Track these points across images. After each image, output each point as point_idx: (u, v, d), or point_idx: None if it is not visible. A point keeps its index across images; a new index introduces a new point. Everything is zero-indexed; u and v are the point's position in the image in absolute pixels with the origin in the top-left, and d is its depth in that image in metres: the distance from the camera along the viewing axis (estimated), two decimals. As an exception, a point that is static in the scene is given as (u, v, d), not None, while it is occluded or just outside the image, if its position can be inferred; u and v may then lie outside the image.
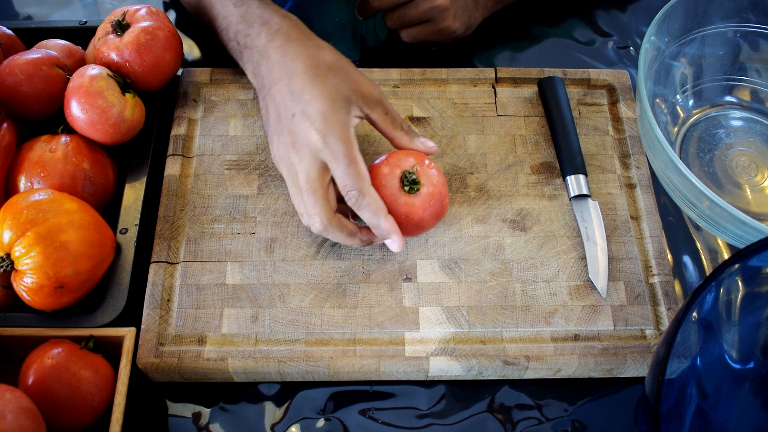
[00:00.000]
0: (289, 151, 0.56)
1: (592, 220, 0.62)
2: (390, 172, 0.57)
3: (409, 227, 0.57)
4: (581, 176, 0.63)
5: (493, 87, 0.70)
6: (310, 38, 0.60)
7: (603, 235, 0.61)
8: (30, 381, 0.50)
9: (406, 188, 0.56)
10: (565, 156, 0.64)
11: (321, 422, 0.56)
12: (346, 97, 0.56)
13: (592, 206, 0.62)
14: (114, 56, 0.62)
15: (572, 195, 0.63)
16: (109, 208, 0.62)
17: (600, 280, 0.59)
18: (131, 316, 0.56)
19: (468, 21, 0.71)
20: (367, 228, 0.57)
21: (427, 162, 0.58)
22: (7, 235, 0.52)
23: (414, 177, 0.56)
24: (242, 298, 0.58)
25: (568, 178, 0.64)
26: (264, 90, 0.60)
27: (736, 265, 0.46)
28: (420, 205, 0.56)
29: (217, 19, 0.65)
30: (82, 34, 0.69)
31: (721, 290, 0.48)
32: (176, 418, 0.56)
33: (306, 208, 0.55)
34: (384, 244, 0.60)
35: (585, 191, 0.63)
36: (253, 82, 0.62)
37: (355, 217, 0.58)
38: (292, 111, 0.56)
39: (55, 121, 0.62)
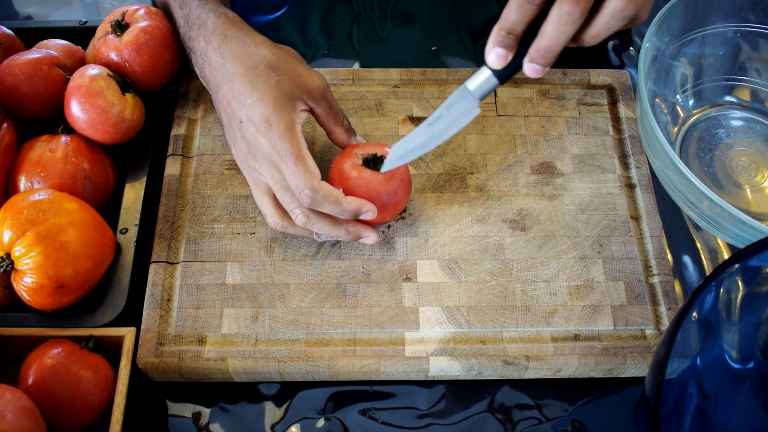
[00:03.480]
0: (247, 157, 0.56)
1: (457, 119, 0.53)
2: (353, 159, 0.57)
3: (384, 204, 0.57)
4: (494, 77, 0.51)
5: (493, 87, 0.70)
6: (247, 34, 0.58)
7: (443, 135, 0.54)
8: (30, 381, 0.50)
9: (372, 166, 0.57)
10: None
11: (321, 422, 0.56)
12: (289, 94, 0.55)
13: (469, 108, 0.53)
14: (114, 56, 0.62)
15: (470, 87, 0.52)
16: (109, 208, 0.62)
17: (390, 161, 0.55)
18: (131, 316, 0.56)
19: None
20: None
21: (386, 149, 0.58)
22: (7, 235, 0.52)
23: (375, 154, 0.57)
24: (242, 298, 0.58)
25: (485, 66, 0.52)
26: (213, 94, 0.60)
27: (736, 265, 0.46)
28: (390, 177, 0.57)
29: (172, 23, 0.65)
30: (82, 34, 0.69)
31: (721, 290, 0.48)
32: (176, 418, 0.56)
33: (285, 204, 0.56)
34: (382, 244, 0.60)
35: (481, 90, 0.52)
36: (205, 86, 0.62)
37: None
38: (239, 117, 0.56)
39: (55, 121, 0.62)
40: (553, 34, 0.47)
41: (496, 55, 0.49)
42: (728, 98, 0.72)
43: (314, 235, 0.58)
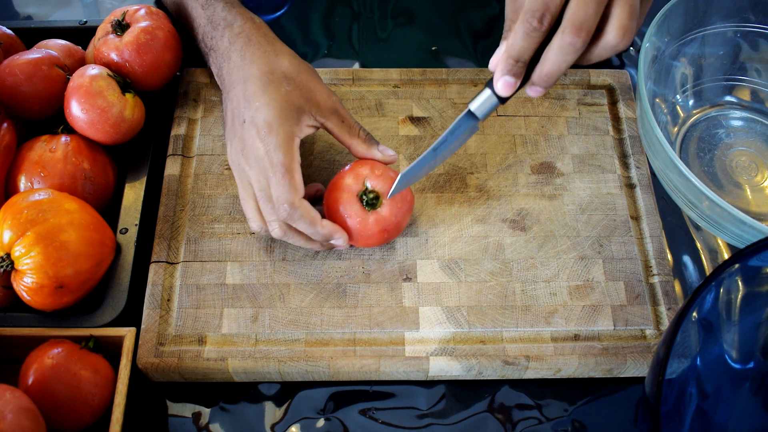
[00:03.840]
0: (240, 157, 0.56)
1: (460, 140, 0.55)
2: (354, 183, 0.57)
3: (367, 238, 0.58)
4: (495, 97, 0.52)
5: (493, 87, 0.70)
6: (271, 42, 0.59)
7: (446, 156, 0.56)
8: (30, 381, 0.50)
9: (366, 205, 0.57)
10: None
11: (321, 422, 0.56)
12: (297, 107, 0.56)
13: (470, 129, 0.55)
14: (114, 56, 0.62)
15: (473, 108, 0.53)
16: (109, 208, 0.62)
17: (396, 188, 0.56)
18: (131, 316, 0.56)
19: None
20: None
21: (391, 174, 0.58)
22: (7, 235, 0.52)
23: (375, 195, 0.57)
24: (242, 298, 0.58)
25: (487, 88, 0.53)
26: (225, 93, 0.60)
27: (736, 265, 0.46)
28: (384, 218, 0.57)
29: (188, 21, 0.66)
30: (82, 34, 0.69)
31: (721, 290, 0.48)
32: (176, 418, 0.56)
33: (265, 214, 0.56)
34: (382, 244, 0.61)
35: (483, 111, 0.53)
36: (219, 84, 0.63)
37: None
38: (243, 117, 0.56)
39: (55, 121, 0.62)
40: (555, 61, 0.48)
41: (504, 83, 0.50)
42: (728, 98, 0.72)
43: None
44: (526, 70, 0.50)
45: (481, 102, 0.53)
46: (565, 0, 0.47)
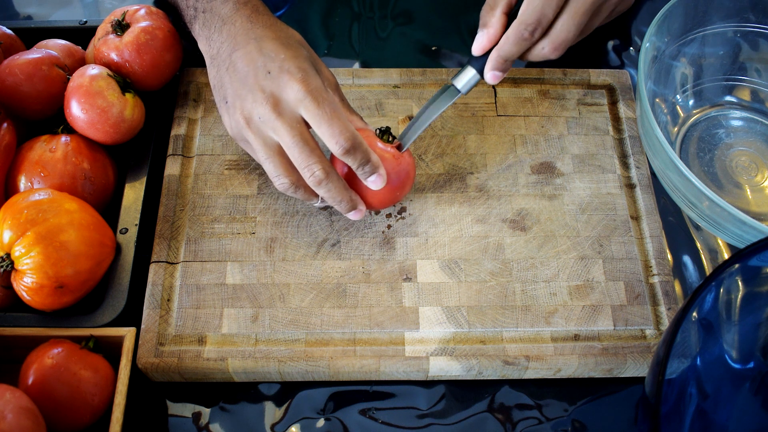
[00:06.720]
0: (262, 108, 0.54)
1: (441, 110, 0.60)
2: (369, 133, 0.59)
3: (393, 178, 0.58)
4: (479, 76, 0.59)
5: (493, 87, 0.70)
6: (276, 18, 0.61)
7: (425, 122, 0.60)
8: (30, 381, 0.50)
9: (386, 138, 0.59)
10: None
11: (321, 422, 0.56)
12: (318, 70, 0.57)
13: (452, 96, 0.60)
14: (114, 56, 0.62)
15: (458, 85, 0.60)
16: (109, 208, 0.62)
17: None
18: (131, 316, 0.56)
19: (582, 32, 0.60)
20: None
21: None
22: (7, 235, 0.52)
23: (389, 127, 0.59)
24: (242, 298, 0.58)
25: (471, 68, 0.59)
26: (221, 55, 0.59)
27: (736, 265, 0.46)
28: (402, 155, 0.59)
29: None
30: (82, 34, 0.69)
31: (721, 290, 0.48)
32: (176, 418, 0.56)
33: (302, 161, 0.54)
34: (382, 244, 0.60)
35: (466, 87, 0.60)
36: (205, 50, 0.61)
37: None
38: (267, 69, 0.55)
39: (55, 121, 0.62)
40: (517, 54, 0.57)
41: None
42: (728, 98, 0.72)
43: (314, 201, 0.59)
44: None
45: (466, 80, 0.60)
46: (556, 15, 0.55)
